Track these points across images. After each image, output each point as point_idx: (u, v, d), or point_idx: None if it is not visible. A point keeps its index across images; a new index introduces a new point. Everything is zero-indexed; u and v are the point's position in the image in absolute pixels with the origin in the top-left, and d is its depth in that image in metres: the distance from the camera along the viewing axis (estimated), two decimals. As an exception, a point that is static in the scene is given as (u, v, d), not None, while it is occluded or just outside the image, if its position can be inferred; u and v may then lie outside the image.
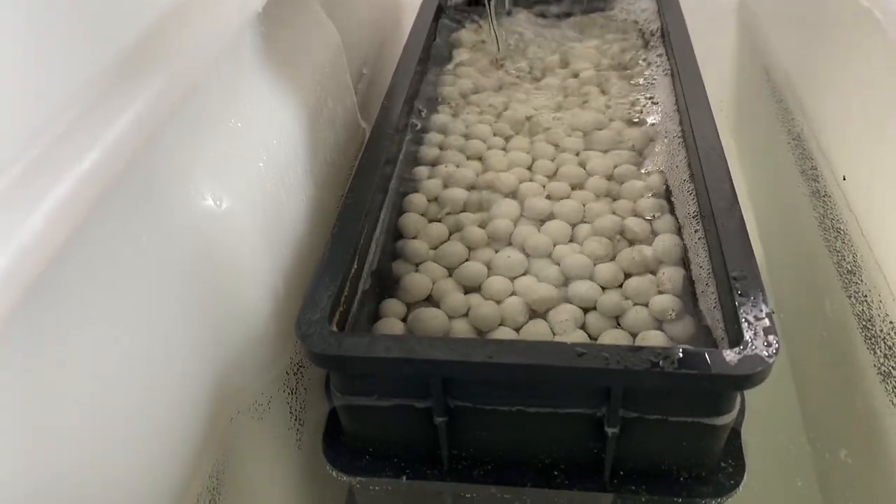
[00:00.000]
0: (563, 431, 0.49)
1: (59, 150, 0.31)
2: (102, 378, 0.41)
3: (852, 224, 0.60)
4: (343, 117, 0.72)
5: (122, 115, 0.33)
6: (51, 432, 0.37)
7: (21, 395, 0.35)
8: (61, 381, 0.37)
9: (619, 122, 0.74)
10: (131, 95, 0.34)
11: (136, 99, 0.34)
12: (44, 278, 0.31)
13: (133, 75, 0.35)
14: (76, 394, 0.39)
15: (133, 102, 0.34)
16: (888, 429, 0.52)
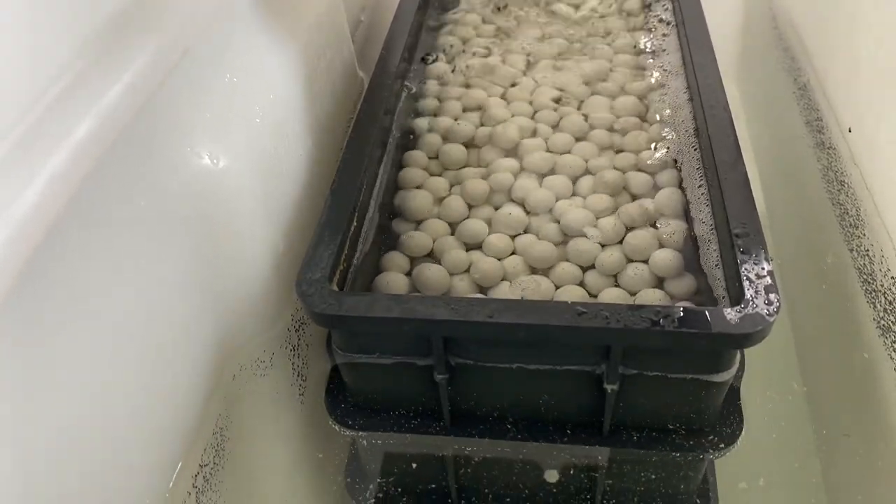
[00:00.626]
0: (562, 388, 0.50)
1: (55, 118, 0.30)
2: (104, 337, 0.41)
3: (856, 177, 0.60)
4: (340, 68, 0.71)
5: (117, 80, 0.32)
6: (54, 391, 0.37)
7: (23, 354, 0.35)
8: (64, 342, 0.38)
9: (622, 70, 0.73)
10: (125, 60, 0.34)
11: (131, 64, 0.33)
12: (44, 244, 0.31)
13: (126, 39, 0.34)
14: (78, 353, 0.39)
15: (127, 67, 0.33)
16: (886, 382, 0.53)
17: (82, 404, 0.39)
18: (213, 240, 0.50)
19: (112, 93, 0.32)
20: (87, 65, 0.32)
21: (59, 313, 0.37)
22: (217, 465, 0.51)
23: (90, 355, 0.40)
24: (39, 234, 0.29)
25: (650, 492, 0.50)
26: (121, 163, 0.40)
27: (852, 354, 0.56)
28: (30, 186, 0.28)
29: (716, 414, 0.50)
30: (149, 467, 0.46)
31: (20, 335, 0.34)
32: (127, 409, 0.43)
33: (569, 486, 0.51)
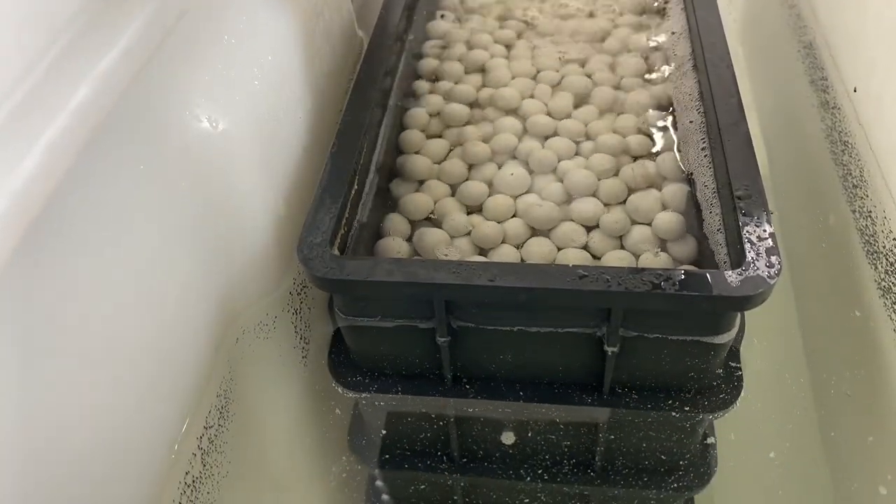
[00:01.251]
0: (563, 350, 0.50)
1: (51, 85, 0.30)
2: (109, 302, 0.41)
3: (860, 137, 0.59)
4: (340, 28, 0.70)
5: (114, 44, 0.32)
6: (58, 354, 0.37)
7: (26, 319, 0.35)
8: (68, 308, 0.38)
9: (625, 29, 0.71)
10: (121, 24, 0.33)
11: (127, 27, 0.33)
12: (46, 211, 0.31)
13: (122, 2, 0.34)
14: (83, 318, 0.39)
15: (123, 31, 0.33)
16: (886, 344, 0.53)
17: (87, 367, 0.40)
18: (213, 204, 0.50)
19: (108, 57, 0.32)
20: (82, 30, 0.32)
21: (61, 279, 0.37)
22: (222, 427, 0.52)
23: (94, 320, 0.40)
24: (40, 201, 0.29)
25: (650, 451, 0.51)
26: (119, 128, 0.39)
27: (853, 315, 0.57)
28: (28, 154, 0.28)
29: (716, 375, 0.51)
30: (154, 429, 0.47)
31: (23, 300, 0.34)
32: (132, 372, 0.44)
33: (569, 445, 0.51)
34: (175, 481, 0.48)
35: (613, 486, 0.50)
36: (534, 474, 0.50)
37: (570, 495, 0.50)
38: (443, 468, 0.51)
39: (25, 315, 0.35)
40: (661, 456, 0.51)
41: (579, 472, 0.51)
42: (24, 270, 0.33)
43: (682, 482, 0.50)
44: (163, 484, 0.47)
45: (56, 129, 0.29)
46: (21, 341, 0.35)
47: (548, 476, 0.50)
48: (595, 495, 0.51)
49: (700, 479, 0.50)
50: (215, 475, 0.50)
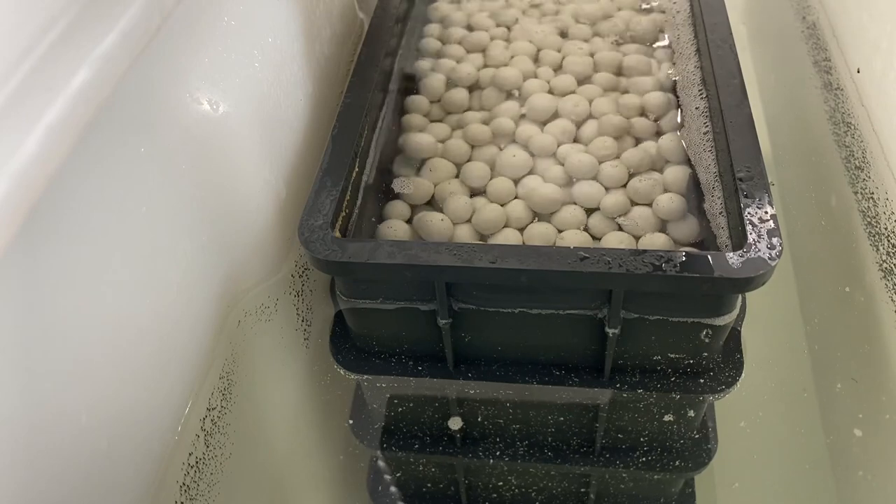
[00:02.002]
0: (564, 332, 0.50)
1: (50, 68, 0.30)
2: (110, 285, 0.41)
3: (863, 119, 0.59)
4: (340, 9, 0.69)
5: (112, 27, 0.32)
6: (61, 333, 0.38)
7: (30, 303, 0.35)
8: (69, 291, 0.38)
9: (627, 10, 0.71)
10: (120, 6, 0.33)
11: (126, 10, 0.33)
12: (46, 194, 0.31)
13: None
14: (84, 302, 0.39)
15: (122, 13, 0.32)
16: (887, 325, 0.53)
17: (89, 347, 0.40)
18: (214, 186, 0.50)
19: (107, 40, 0.32)
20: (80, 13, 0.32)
21: (62, 262, 0.37)
22: (224, 409, 0.52)
23: (95, 304, 0.40)
24: (40, 185, 0.29)
25: (651, 433, 0.51)
26: (120, 111, 0.39)
27: (854, 297, 0.57)
28: (28, 138, 0.28)
29: (717, 356, 0.51)
30: (158, 410, 0.47)
31: (24, 284, 0.34)
32: (135, 353, 0.44)
33: (570, 427, 0.52)
34: (179, 462, 0.48)
35: (613, 466, 0.50)
36: (535, 455, 0.51)
37: (570, 476, 0.51)
38: (444, 449, 0.52)
39: (26, 299, 0.35)
40: (661, 437, 0.51)
41: (580, 453, 0.51)
42: (24, 254, 0.34)
43: (681, 462, 0.50)
44: (167, 464, 0.47)
45: (55, 113, 0.29)
46: (22, 326, 0.35)
47: (549, 456, 0.50)
48: (595, 475, 0.51)
49: (700, 459, 0.50)
50: (219, 456, 0.50)
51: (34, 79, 0.29)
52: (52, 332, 0.37)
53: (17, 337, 0.34)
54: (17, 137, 0.28)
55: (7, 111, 0.28)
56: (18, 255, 0.33)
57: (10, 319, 0.34)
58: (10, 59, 0.28)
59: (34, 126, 0.28)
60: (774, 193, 0.67)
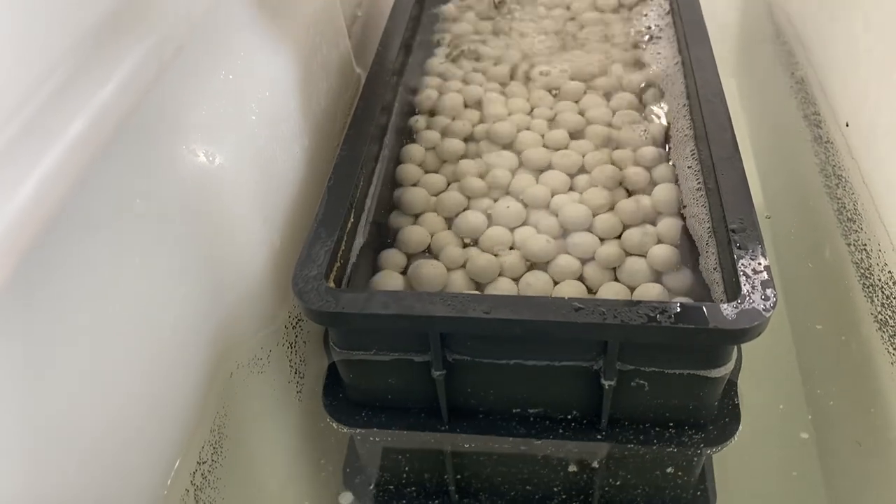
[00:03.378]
0: (560, 384, 0.50)
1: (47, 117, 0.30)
2: (103, 335, 0.41)
3: (854, 171, 0.60)
4: (337, 63, 0.71)
5: (110, 78, 0.32)
6: (51, 388, 0.37)
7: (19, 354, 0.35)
8: (61, 340, 0.38)
9: (619, 66, 0.72)
10: (118, 58, 0.33)
11: (124, 61, 0.33)
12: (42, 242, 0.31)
13: (120, 36, 0.34)
14: (77, 352, 0.39)
15: (120, 65, 0.33)
16: (884, 377, 0.53)
17: (80, 400, 0.39)
18: (209, 237, 0.50)
19: (105, 90, 0.32)
20: (80, 62, 0.32)
21: (55, 310, 0.36)
22: (215, 463, 0.51)
23: (88, 353, 0.40)
24: (32, 233, 0.29)
25: (648, 486, 0.50)
26: (116, 161, 0.40)
27: (850, 349, 0.56)
28: (22, 186, 0.28)
29: (713, 408, 0.51)
30: (147, 464, 0.46)
31: (16, 332, 0.34)
32: (125, 406, 0.43)
33: (567, 481, 0.51)
34: (167, 519, 0.47)
35: (611, 522, 0.49)
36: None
37: (567, 532, 0.50)
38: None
39: (18, 348, 0.34)
40: (659, 490, 0.50)
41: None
42: (17, 301, 0.33)
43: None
44: (154, 521, 0.46)
45: (52, 160, 0.29)
46: (12, 375, 0.34)
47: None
48: (593, 532, 0.50)
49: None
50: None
51: (32, 126, 0.29)
52: (43, 382, 0.36)
53: (6, 386, 0.34)
54: (12, 184, 0.28)
55: (4, 158, 0.28)
56: (11, 302, 0.33)
57: (0, 368, 0.33)
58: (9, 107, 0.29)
59: (30, 173, 0.28)
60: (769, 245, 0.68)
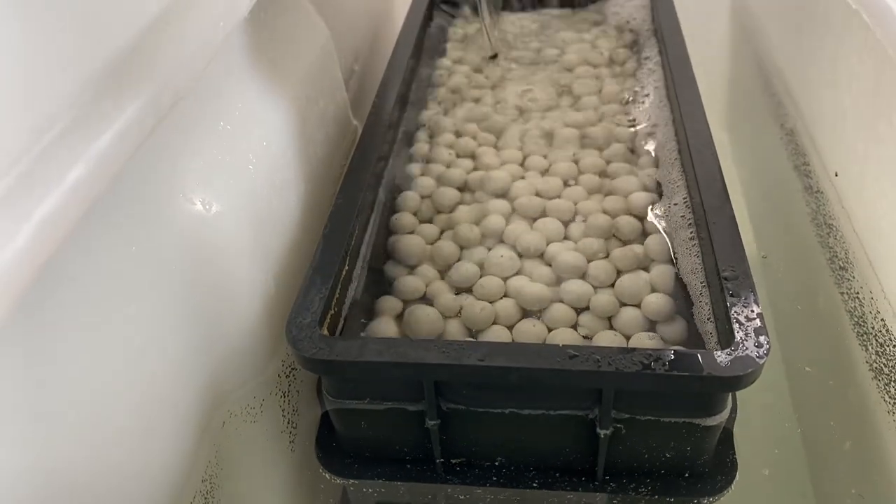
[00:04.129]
0: (555, 433, 0.49)
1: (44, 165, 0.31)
2: (96, 383, 0.41)
3: (844, 221, 0.60)
4: (334, 115, 0.72)
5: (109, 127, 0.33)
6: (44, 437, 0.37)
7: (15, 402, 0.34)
8: (55, 388, 0.37)
9: (611, 119, 0.74)
10: (118, 107, 0.34)
11: (123, 111, 0.34)
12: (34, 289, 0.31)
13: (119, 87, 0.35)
14: (69, 399, 0.39)
15: (120, 114, 0.34)
16: (881, 425, 0.53)
17: (69, 445, 0.39)
18: (204, 285, 0.50)
19: (104, 139, 0.33)
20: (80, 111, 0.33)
21: (47, 357, 0.36)
22: (206, 514, 0.50)
23: (80, 400, 0.40)
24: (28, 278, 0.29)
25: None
26: (113, 208, 0.40)
27: (847, 397, 0.56)
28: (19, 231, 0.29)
29: (710, 457, 0.50)
30: (136, 516, 0.45)
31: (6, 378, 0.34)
32: (116, 454, 0.43)
33: (563, 533, 0.50)
34: (155, 573, 0.46)
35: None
36: (526, 563, 0.49)
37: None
38: (433, 557, 0.50)
39: (8, 394, 0.34)
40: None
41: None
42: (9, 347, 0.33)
43: (679, 571, 0.48)
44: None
45: (48, 207, 0.29)
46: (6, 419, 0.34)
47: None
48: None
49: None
50: (197, 566, 0.48)
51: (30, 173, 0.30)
52: (33, 428, 0.36)
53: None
54: (8, 230, 0.28)
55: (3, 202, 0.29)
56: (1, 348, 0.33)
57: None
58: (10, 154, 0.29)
59: (26, 220, 0.29)
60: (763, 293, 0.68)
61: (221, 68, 0.52)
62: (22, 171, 0.31)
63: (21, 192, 0.30)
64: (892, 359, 0.51)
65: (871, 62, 0.55)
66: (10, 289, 0.29)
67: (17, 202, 0.30)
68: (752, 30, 0.94)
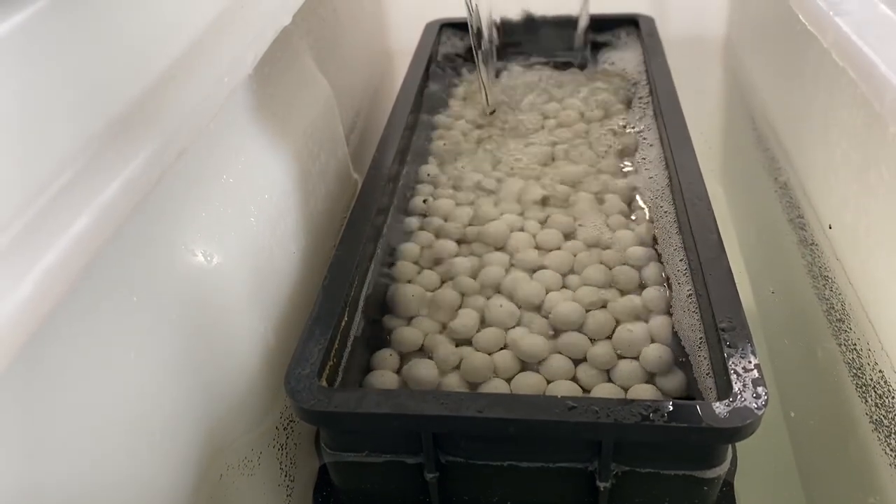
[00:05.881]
0: (555, 486, 0.49)
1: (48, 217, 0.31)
2: (92, 435, 0.41)
3: (839, 272, 0.61)
4: (335, 169, 0.73)
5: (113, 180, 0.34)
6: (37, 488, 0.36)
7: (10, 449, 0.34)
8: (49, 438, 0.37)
9: (607, 175, 0.75)
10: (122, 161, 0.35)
11: (127, 165, 0.35)
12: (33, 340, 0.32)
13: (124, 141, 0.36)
14: (63, 449, 0.38)
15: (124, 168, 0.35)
16: (882, 477, 0.52)
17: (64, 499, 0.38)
18: (203, 336, 0.50)
19: (108, 191, 0.33)
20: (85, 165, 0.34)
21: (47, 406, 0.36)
22: (201, 570, 0.50)
23: (75, 450, 0.39)
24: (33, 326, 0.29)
25: None
26: (115, 259, 0.40)
27: (848, 449, 0.56)
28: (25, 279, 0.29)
29: (711, 512, 0.50)
30: (129, 572, 0.45)
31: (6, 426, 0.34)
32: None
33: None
34: None
35: None
36: None
37: None
38: None
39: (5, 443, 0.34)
40: None
41: None
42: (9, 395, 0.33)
43: None
44: None
45: (53, 257, 0.30)
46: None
47: None
48: None
49: None
50: None
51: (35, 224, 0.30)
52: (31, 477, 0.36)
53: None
54: (13, 278, 0.28)
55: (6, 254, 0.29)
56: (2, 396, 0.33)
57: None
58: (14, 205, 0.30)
59: (31, 268, 0.29)
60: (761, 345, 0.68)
61: (225, 123, 0.53)
62: (25, 222, 0.31)
63: (24, 244, 0.31)
64: (892, 411, 0.51)
65: (860, 116, 0.56)
66: (11, 340, 0.29)
67: (21, 253, 0.30)
68: (745, 86, 0.96)
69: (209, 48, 0.47)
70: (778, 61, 0.82)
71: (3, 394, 0.33)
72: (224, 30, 0.50)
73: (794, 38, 0.73)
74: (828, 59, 0.58)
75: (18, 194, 0.31)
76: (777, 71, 0.82)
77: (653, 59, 0.87)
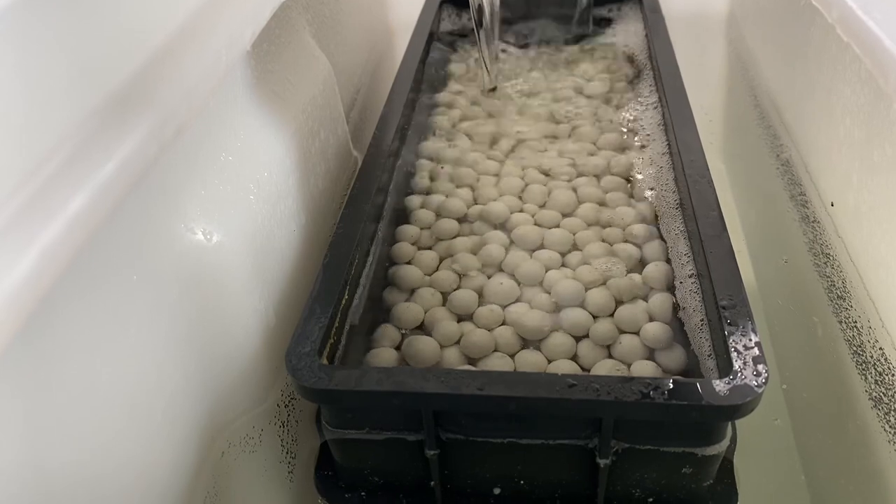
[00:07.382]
0: (555, 463, 0.49)
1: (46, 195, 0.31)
2: (94, 413, 0.41)
3: (840, 250, 0.61)
4: (335, 147, 0.73)
5: (111, 156, 0.33)
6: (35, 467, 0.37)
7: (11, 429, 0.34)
8: (49, 417, 0.37)
9: (608, 150, 0.74)
10: (120, 137, 0.35)
11: (125, 140, 0.34)
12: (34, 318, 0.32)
13: (122, 118, 0.36)
14: (66, 429, 0.39)
15: (122, 144, 0.34)
16: (881, 454, 0.52)
17: (66, 477, 0.39)
18: (204, 314, 0.50)
19: (106, 169, 0.33)
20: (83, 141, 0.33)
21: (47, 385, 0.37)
22: (204, 546, 0.50)
23: (76, 429, 0.39)
24: (30, 307, 0.29)
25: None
26: (114, 237, 0.40)
27: (847, 426, 0.56)
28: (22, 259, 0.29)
29: (710, 487, 0.50)
30: (133, 548, 0.45)
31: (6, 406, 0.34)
32: (115, 484, 0.43)
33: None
34: None
35: None
36: None
37: None
38: (432, 590, 0.49)
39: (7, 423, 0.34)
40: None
41: None
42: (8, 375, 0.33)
43: None
44: None
45: (50, 236, 0.30)
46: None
47: None
48: None
49: None
50: None
51: (33, 202, 0.30)
52: (32, 456, 0.36)
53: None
54: (10, 258, 0.28)
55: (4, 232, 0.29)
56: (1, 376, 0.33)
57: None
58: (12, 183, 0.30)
59: (28, 248, 0.29)
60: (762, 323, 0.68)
61: (224, 100, 0.53)
62: (24, 200, 0.31)
63: (23, 221, 0.31)
64: (891, 388, 0.51)
65: (864, 93, 0.56)
66: (11, 318, 0.29)
67: (19, 231, 0.30)
68: (747, 62, 0.95)
69: (207, 24, 0.47)
70: (781, 37, 0.81)
71: (4, 373, 0.33)
72: (221, 5, 0.49)
73: (798, 13, 0.72)
74: (832, 35, 0.57)
75: (14, 173, 0.31)
76: (780, 46, 0.81)
77: (655, 34, 0.86)
